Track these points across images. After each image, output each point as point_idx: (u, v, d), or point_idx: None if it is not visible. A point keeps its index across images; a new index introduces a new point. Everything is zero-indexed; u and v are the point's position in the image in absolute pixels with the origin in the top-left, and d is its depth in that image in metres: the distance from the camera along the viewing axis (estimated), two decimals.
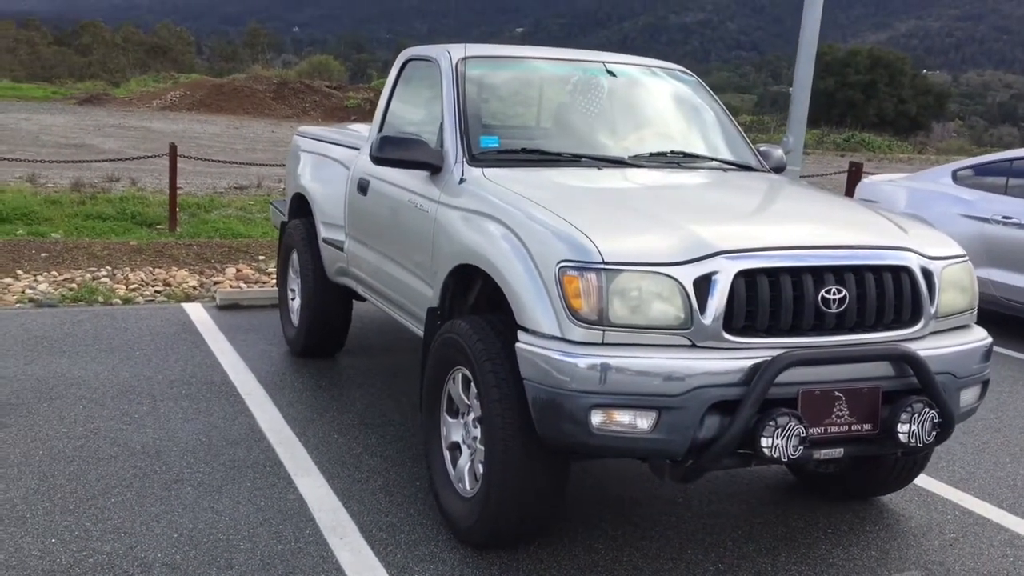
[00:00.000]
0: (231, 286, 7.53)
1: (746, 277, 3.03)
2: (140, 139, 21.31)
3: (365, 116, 30.92)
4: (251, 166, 14.35)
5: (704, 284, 3.01)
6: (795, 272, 3.09)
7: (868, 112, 61.97)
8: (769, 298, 3.05)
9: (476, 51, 4.40)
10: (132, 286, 7.35)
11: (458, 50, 4.39)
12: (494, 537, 3.40)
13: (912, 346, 3.20)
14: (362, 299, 5.27)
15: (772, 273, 3.07)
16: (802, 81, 9.94)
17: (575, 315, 3.00)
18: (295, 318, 5.83)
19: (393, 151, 4.03)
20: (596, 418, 2.96)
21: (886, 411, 3.13)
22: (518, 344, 3.13)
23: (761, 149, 4.65)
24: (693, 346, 3.01)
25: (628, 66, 4.66)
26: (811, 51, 9.84)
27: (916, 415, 3.09)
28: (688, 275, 3.01)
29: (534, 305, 3.12)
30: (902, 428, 3.09)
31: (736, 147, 4.49)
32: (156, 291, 7.28)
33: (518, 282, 3.20)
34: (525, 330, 3.14)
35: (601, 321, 2.98)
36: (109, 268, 7.85)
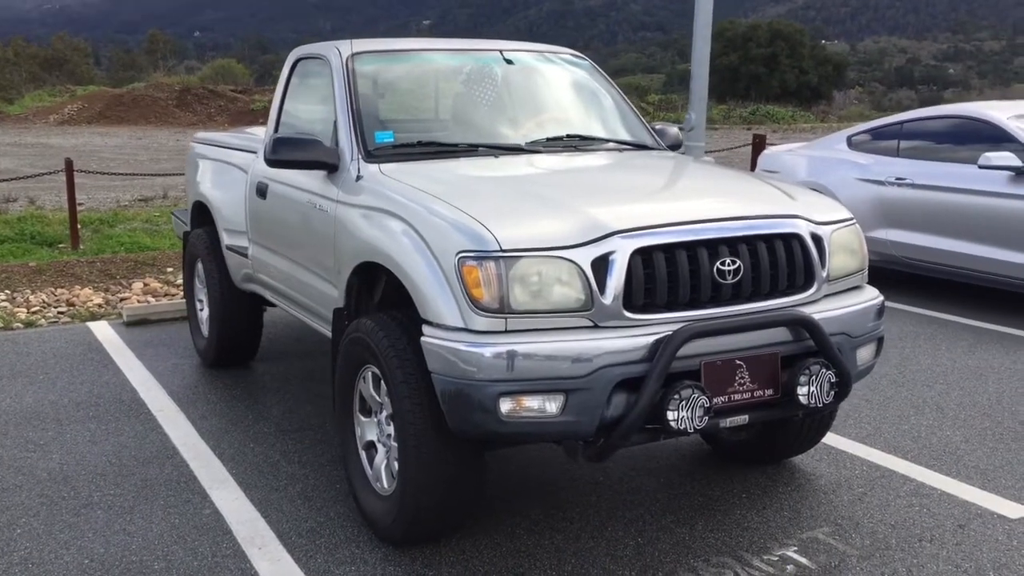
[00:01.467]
0: (138, 301, 7.34)
1: (642, 255, 3.07)
2: (37, 156, 20.59)
3: None
4: (155, 176, 14.00)
5: (602, 264, 3.04)
6: (690, 246, 3.14)
7: (772, 85, 63.30)
8: (666, 274, 3.10)
9: (365, 46, 4.36)
10: (33, 308, 7.11)
11: (347, 46, 4.34)
12: (414, 534, 3.39)
13: (807, 310, 3.29)
14: (272, 305, 5.19)
15: (668, 249, 3.11)
16: (700, 58, 10.10)
17: (477, 305, 3.00)
18: (205, 329, 5.71)
19: (288, 152, 3.97)
20: (505, 405, 2.97)
21: (786, 375, 3.20)
22: (423, 338, 3.12)
23: (656, 128, 4.71)
24: (595, 327, 3.04)
25: (520, 53, 4.67)
26: (706, 29, 9.99)
27: (814, 376, 3.18)
28: (586, 257, 3.03)
29: (436, 298, 3.11)
30: (801, 390, 3.17)
31: (631, 127, 4.54)
32: (59, 312, 7.05)
33: (419, 276, 3.19)
34: (429, 323, 3.13)
35: (503, 309, 2.99)
36: (8, 292, 7.57)
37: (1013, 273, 6.57)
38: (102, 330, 6.55)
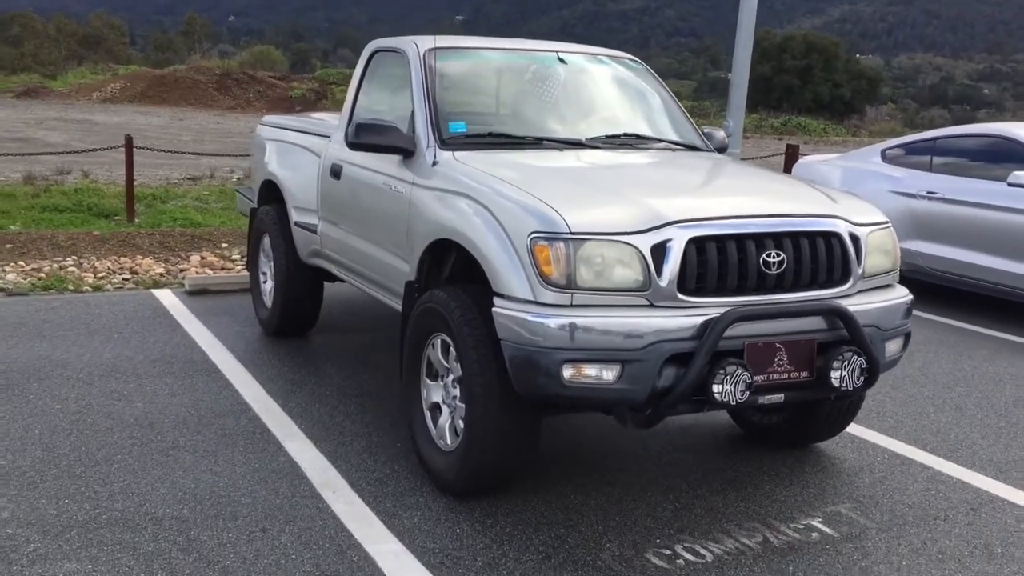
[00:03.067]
0: (196, 272, 7.74)
1: (696, 244, 3.41)
2: (85, 132, 21.15)
3: (310, 106, 30.88)
4: (202, 156, 14.45)
5: (660, 250, 3.38)
6: (739, 239, 3.48)
7: (805, 96, 63.23)
8: (717, 262, 3.43)
9: (442, 43, 4.72)
10: (100, 274, 7.52)
11: (425, 41, 4.70)
12: (475, 486, 3.75)
13: (843, 302, 3.61)
14: (333, 280, 5.56)
15: (719, 240, 3.45)
16: (740, 67, 10.41)
17: (546, 280, 3.35)
18: (268, 300, 6.09)
19: (368, 137, 4.34)
20: (567, 372, 3.32)
21: (820, 360, 3.54)
22: (494, 309, 3.47)
23: (705, 131, 5.04)
24: (651, 306, 3.38)
25: (581, 55, 5.02)
26: (748, 37, 10.31)
27: (846, 362, 3.51)
28: (646, 243, 3.38)
29: (508, 273, 3.46)
30: (834, 374, 3.51)
31: (682, 129, 4.88)
32: (124, 279, 7.47)
33: (492, 253, 3.54)
34: (500, 296, 3.48)
35: (569, 285, 3.34)
36: (75, 258, 8.00)
37: None
38: (166, 297, 6.95)
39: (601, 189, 3.73)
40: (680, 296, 3.39)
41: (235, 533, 3.46)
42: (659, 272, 3.37)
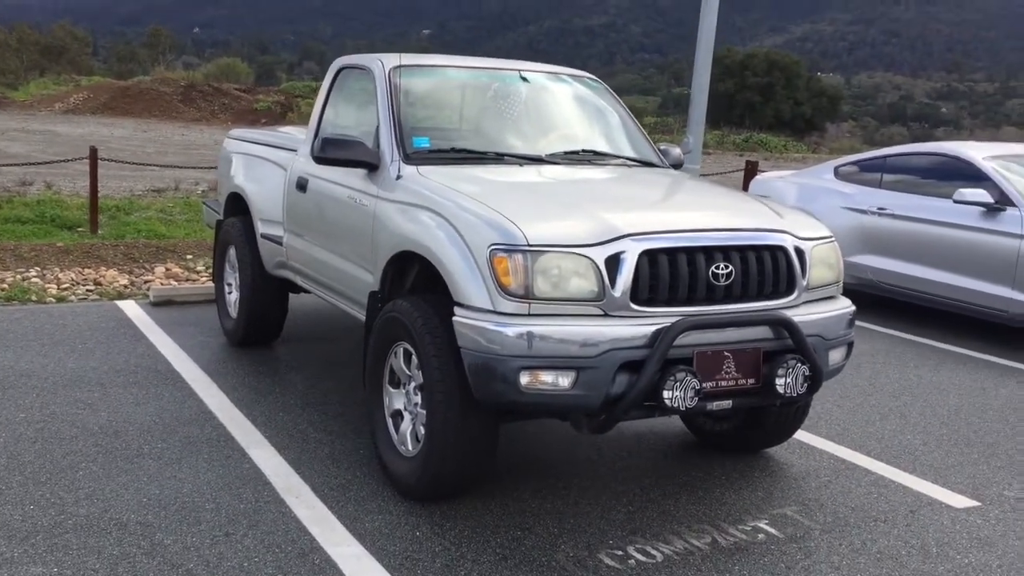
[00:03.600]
0: (161, 284, 7.78)
1: (649, 256, 3.57)
2: (47, 143, 20.98)
3: (276, 118, 30.83)
4: (166, 168, 14.43)
5: (614, 262, 3.53)
6: (690, 251, 3.64)
7: (766, 113, 64.14)
8: (668, 273, 3.59)
9: (407, 60, 4.85)
10: (64, 285, 7.54)
11: (390, 59, 4.84)
12: (435, 490, 3.86)
13: (788, 313, 3.78)
14: (299, 291, 5.66)
15: (671, 252, 3.61)
16: (700, 84, 10.66)
17: (505, 290, 3.49)
18: (233, 310, 6.17)
19: (334, 151, 4.45)
20: (524, 378, 3.45)
21: (766, 368, 3.70)
22: (455, 318, 3.60)
23: (661, 148, 5.22)
24: (605, 315, 3.53)
25: (542, 74, 5.18)
26: (708, 55, 10.57)
27: (790, 370, 3.68)
28: (600, 255, 3.53)
29: (468, 283, 3.59)
30: (779, 381, 3.67)
31: (639, 146, 5.05)
32: (88, 290, 7.49)
33: (453, 264, 3.67)
34: (461, 305, 3.61)
35: (527, 295, 3.48)
36: (38, 269, 8.00)
37: (980, 301, 7.10)
38: (130, 308, 6.99)
39: (559, 203, 3.88)
40: (633, 306, 3.54)
41: (199, 537, 3.54)
42: (613, 283, 3.52)
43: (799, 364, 3.69)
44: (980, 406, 5.60)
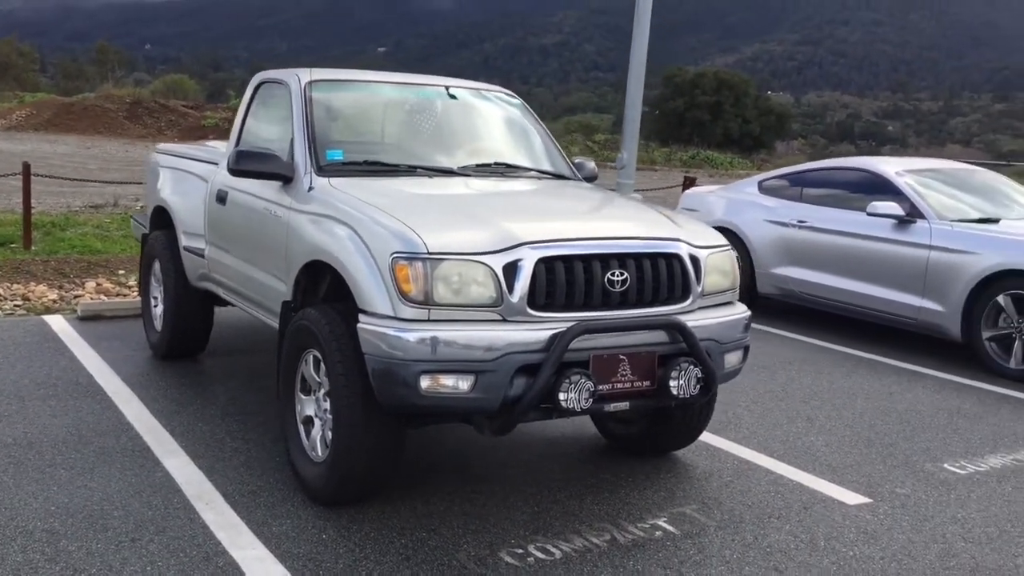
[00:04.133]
0: (91, 298, 7.77)
1: (546, 263, 3.71)
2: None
3: (223, 135, 30.66)
4: (107, 184, 14.34)
5: (512, 269, 3.66)
6: (586, 259, 3.79)
7: (715, 131, 65.07)
8: (565, 280, 3.73)
9: (322, 75, 4.96)
10: None
11: (306, 74, 4.94)
12: (343, 494, 3.95)
13: (682, 318, 3.94)
14: (224, 304, 5.71)
15: (567, 260, 3.75)
16: (633, 101, 10.90)
17: (405, 297, 3.60)
18: (158, 323, 6.20)
19: (249, 164, 4.55)
20: (424, 382, 3.56)
21: (661, 370, 3.85)
22: (359, 325, 3.70)
23: (576, 161, 5.38)
24: (504, 320, 3.66)
25: (460, 89, 5.32)
26: (640, 73, 10.81)
27: (683, 372, 3.83)
28: (498, 262, 3.66)
29: (372, 291, 3.70)
30: (673, 383, 3.82)
31: (552, 160, 5.20)
32: (15, 305, 7.45)
33: (358, 273, 3.78)
34: (365, 312, 3.72)
35: (427, 301, 3.59)
36: None
37: (892, 310, 7.36)
38: (57, 323, 6.98)
39: (462, 213, 4.00)
40: (530, 311, 3.67)
41: (104, 544, 3.58)
42: (511, 289, 3.65)
43: (692, 367, 3.85)
44: (884, 409, 5.82)
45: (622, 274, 3.83)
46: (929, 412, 5.82)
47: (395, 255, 3.65)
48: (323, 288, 4.32)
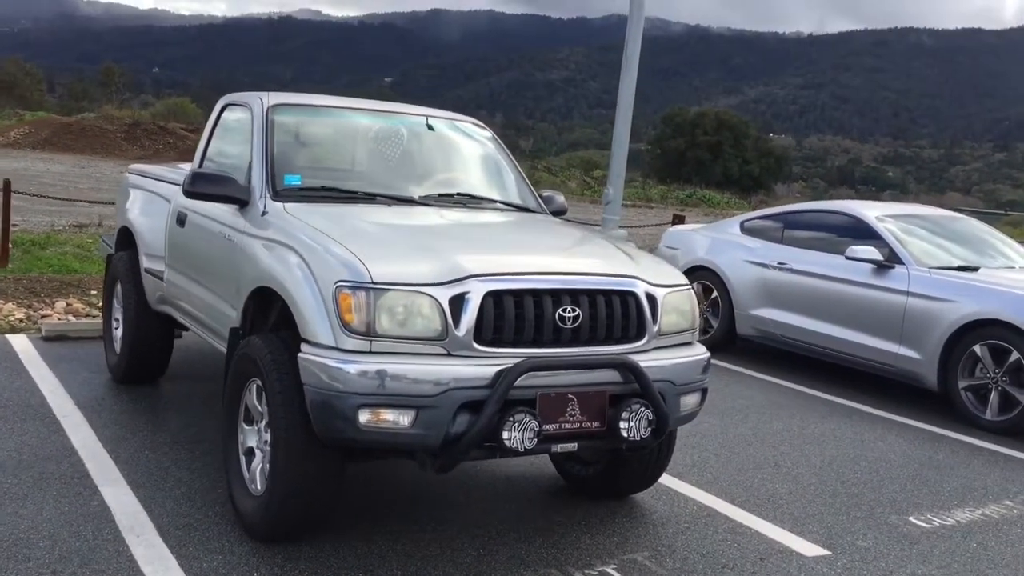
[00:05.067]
0: (59, 319, 7.65)
1: (494, 297, 3.60)
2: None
3: None
4: (93, 204, 14.26)
5: (458, 302, 3.55)
6: (536, 293, 3.67)
7: (715, 171, 65.37)
8: (514, 315, 3.62)
9: (284, 99, 4.89)
10: None
11: (271, 97, 4.87)
12: (278, 529, 3.81)
13: (637, 358, 3.82)
14: (185, 329, 5.59)
15: (517, 294, 3.64)
16: (619, 138, 10.84)
17: (347, 327, 3.49)
18: (118, 346, 6.07)
19: (203, 186, 4.45)
20: (363, 416, 3.44)
21: (612, 411, 3.73)
22: (300, 354, 3.59)
23: (545, 195, 5.29)
24: (449, 355, 3.54)
25: (427, 118, 5.24)
26: (628, 111, 10.77)
27: (634, 414, 3.70)
28: (444, 294, 3.55)
29: (315, 320, 3.59)
30: (623, 425, 3.70)
31: (518, 192, 5.11)
32: None
33: (303, 300, 3.67)
34: (307, 342, 3.60)
35: (369, 332, 3.48)
36: None
37: (871, 356, 7.24)
38: (19, 342, 6.85)
39: (413, 244, 3.90)
40: (476, 346, 3.56)
41: (24, 575, 3.44)
42: (456, 323, 3.53)
43: (643, 408, 3.72)
44: (854, 457, 5.68)
45: (574, 310, 3.72)
46: (900, 462, 5.68)
47: (339, 284, 3.54)
48: (273, 316, 4.20)
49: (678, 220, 12.80)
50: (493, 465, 4.98)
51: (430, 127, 5.18)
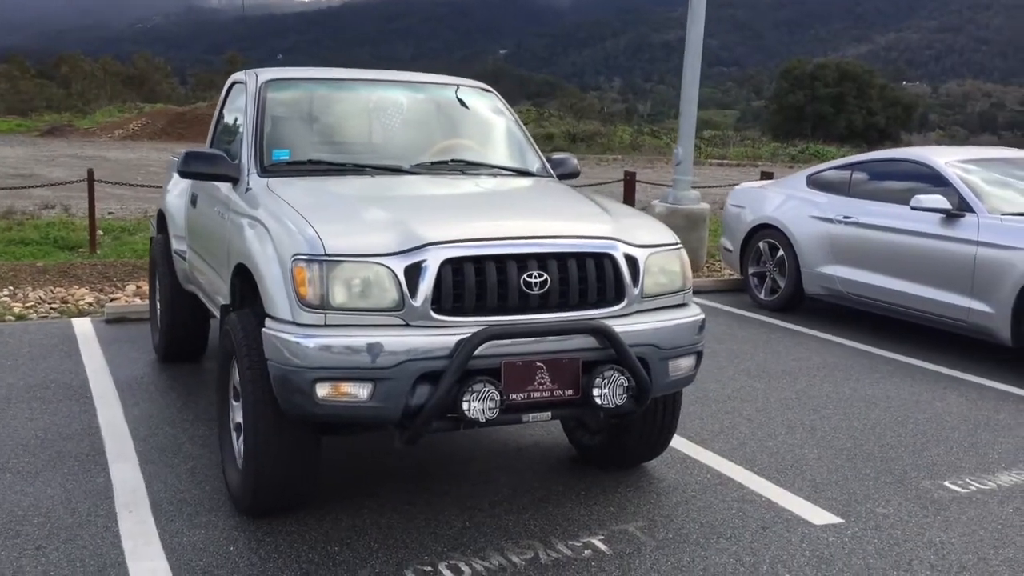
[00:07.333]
0: (126, 301, 7.94)
1: (453, 264, 3.48)
2: (91, 168, 21.73)
3: None
4: None
5: (414, 271, 3.45)
6: (499, 259, 3.53)
7: (838, 125, 62.77)
8: (475, 282, 3.49)
9: (279, 74, 4.86)
10: (29, 303, 7.75)
11: (264, 73, 4.85)
12: (259, 504, 3.81)
13: (617, 322, 3.63)
14: None
15: (477, 260, 3.51)
16: (688, 96, 10.49)
17: (302, 301, 3.44)
18: (160, 326, 6.25)
19: (195, 165, 4.48)
20: (321, 390, 3.39)
21: (586, 379, 3.56)
22: (263, 329, 3.57)
23: (556, 157, 5.10)
24: (407, 325, 3.45)
25: (429, 84, 5.12)
26: (696, 67, 10.40)
27: (607, 381, 3.53)
28: (400, 264, 3.45)
29: (277, 295, 3.56)
30: (596, 392, 3.53)
31: (521, 155, 4.94)
32: (52, 308, 7.69)
33: (267, 276, 3.64)
34: (270, 317, 3.57)
35: (323, 306, 3.42)
36: (11, 288, 8.26)
37: (940, 311, 6.75)
38: (82, 325, 7.15)
39: (380, 215, 3.79)
40: (435, 316, 3.45)
41: (8, 551, 3.55)
42: (413, 292, 3.44)
43: (617, 375, 3.55)
44: (901, 420, 5.30)
45: (541, 275, 3.56)
46: (953, 423, 5.27)
47: (296, 257, 3.50)
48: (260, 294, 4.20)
49: (766, 177, 12.30)
50: (504, 435, 4.88)
51: (460, 101, 5.07)
